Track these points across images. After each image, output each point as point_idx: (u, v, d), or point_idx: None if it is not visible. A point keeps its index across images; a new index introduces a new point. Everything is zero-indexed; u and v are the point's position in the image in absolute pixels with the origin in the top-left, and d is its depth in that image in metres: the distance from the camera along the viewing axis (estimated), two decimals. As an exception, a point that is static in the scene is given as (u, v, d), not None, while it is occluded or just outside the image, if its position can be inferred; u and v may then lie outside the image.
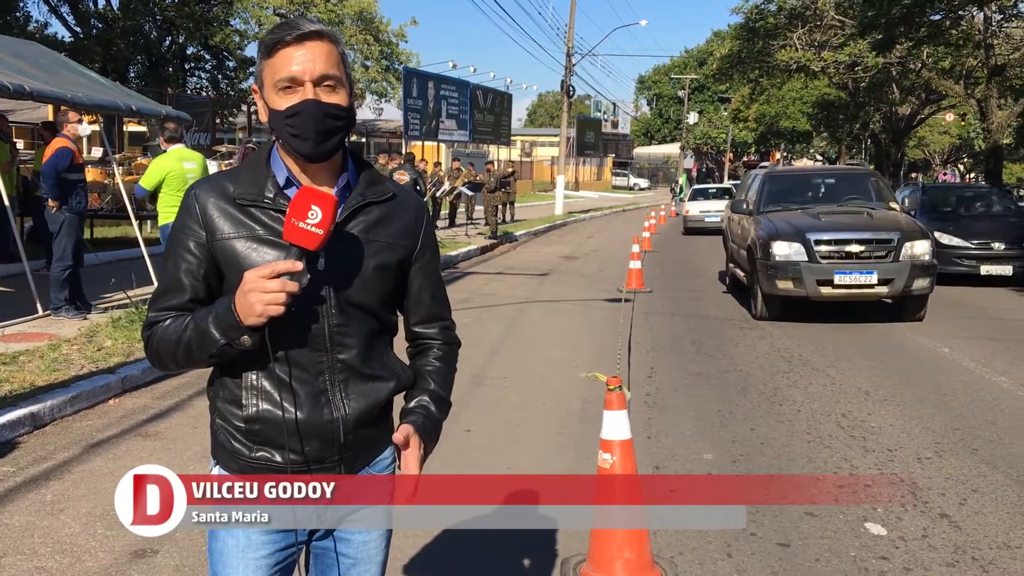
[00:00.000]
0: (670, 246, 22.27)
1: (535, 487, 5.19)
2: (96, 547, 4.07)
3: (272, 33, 1.86)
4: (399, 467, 2.00)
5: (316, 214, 1.74)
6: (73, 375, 6.63)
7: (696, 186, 34.09)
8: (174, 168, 8.45)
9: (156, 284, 8.11)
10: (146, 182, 8.55)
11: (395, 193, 2.01)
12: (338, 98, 1.87)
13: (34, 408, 5.82)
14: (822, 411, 6.65)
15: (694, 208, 28.39)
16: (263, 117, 1.93)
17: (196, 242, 1.91)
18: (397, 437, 1.96)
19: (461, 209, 24.38)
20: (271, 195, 1.90)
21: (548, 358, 8.42)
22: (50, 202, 8.62)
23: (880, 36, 23.99)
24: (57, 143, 8.66)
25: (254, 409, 1.92)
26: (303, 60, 1.83)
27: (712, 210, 27.17)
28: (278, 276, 1.74)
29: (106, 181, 16.02)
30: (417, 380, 2.10)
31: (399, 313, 2.11)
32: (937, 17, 24.05)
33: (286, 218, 1.76)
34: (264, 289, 1.73)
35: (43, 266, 11.33)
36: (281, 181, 1.92)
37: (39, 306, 8.83)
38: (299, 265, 1.75)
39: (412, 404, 2.06)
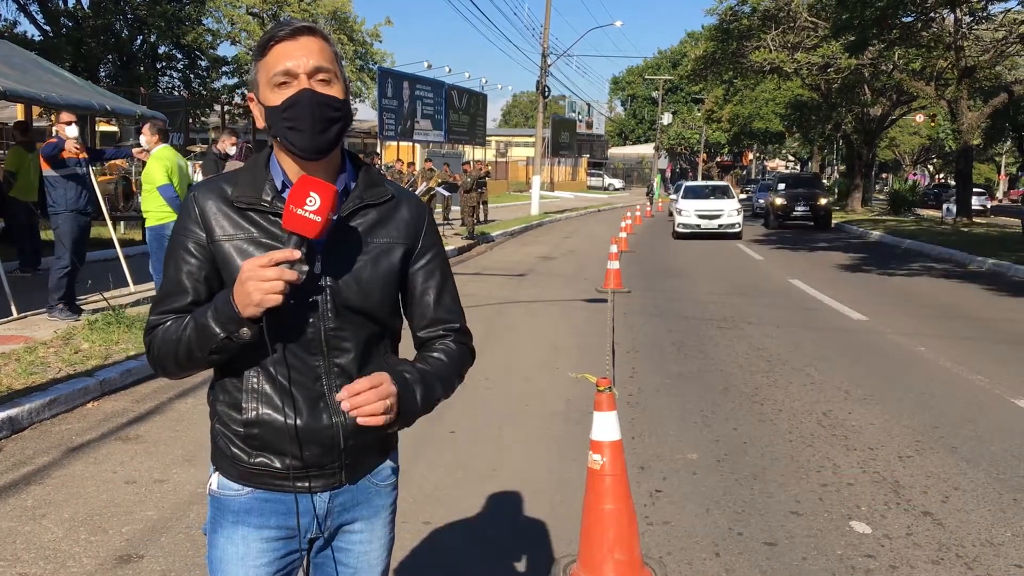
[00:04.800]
0: (647, 246, 22.35)
1: (523, 488, 5.21)
2: (80, 552, 4.01)
3: (265, 33, 1.86)
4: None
5: (315, 201, 1.72)
6: (50, 378, 6.54)
7: (688, 183, 29.92)
8: (172, 164, 8.65)
9: (132, 286, 7.92)
10: (162, 180, 8.55)
11: (394, 194, 1.99)
12: (334, 91, 1.84)
13: (11, 412, 5.74)
14: (803, 410, 6.70)
15: (688, 209, 25.34)
16: (260, 123, 1.91)
17: (196, 244, 1.88)
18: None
19: (438, 210, 24.34)
20: (268, 198, 1.87)
21: (529, 359, 8.42)
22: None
23: (853, 38, 24.21)
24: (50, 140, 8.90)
25: (254, 413, 1.89)
26: (297, 54, 1.81)
27: (709, 211, 24.99)
28: (276, 265, 1.72)
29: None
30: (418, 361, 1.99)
31: (404, 317, 2.07)
32: (909, 19, 24.32)
33: (285, 206, 1.74)
34: (262, 277, 1.70)
35: (16, 267, 11.21)
36: (279, 185, 1.90)
37: (14, 308, 8.71)
38: (297, 253, 1.72)
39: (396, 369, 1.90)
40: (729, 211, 24.86)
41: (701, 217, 24.84)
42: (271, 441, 1.89)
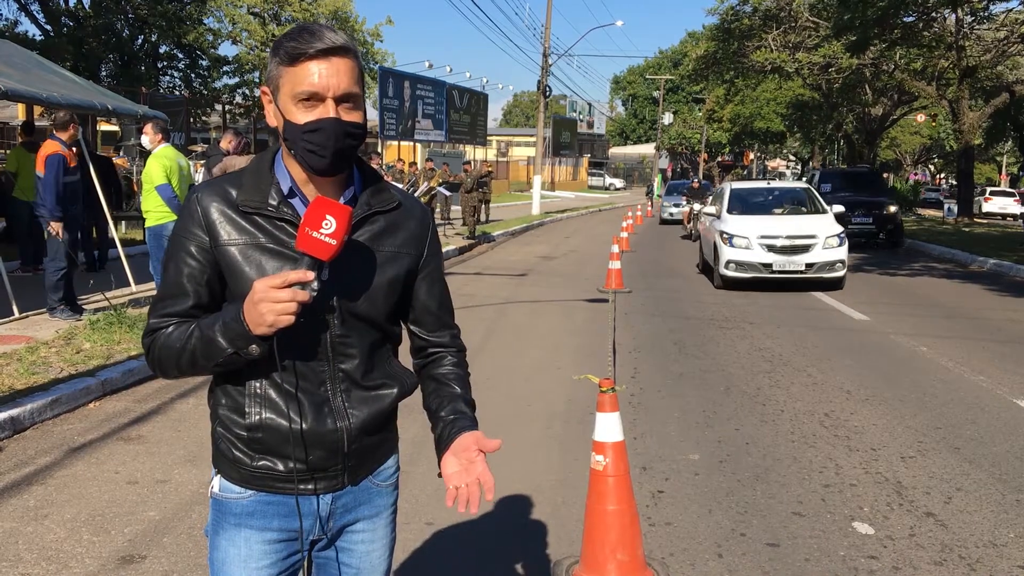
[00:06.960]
0: (648, 246, 22.33)
1: (525, 489, 5.20)
2: (82, 553, 4.01)
3: (295, 40, 1.77)
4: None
5: (330, 224, 1.70)
6: (52, 378, 6.54)
7: (734, 186, 16.39)
8: (172, 164, 8.65)
9: (133, 286, 7.92)
10: (160, 180, 8.52)
11: (400, 202, 1.98)
12: (356, 116, 1.82)
13: (13, 412, 5.74)
14: (805, 411, 6.69)
15: (748, 234, 13.56)
16: (272, 122, 1.87)
17: (199, 247, 1.86)
18: (479, 445, 1.92)
19: (438, 209, 24.34)
20: (275, 203, 1.85)
21: (531, 359, 8.41)
22: (52, 225, 8.33)
23: (854, 38, 24.20)
24: (49, 148, 8.50)
25: (257, 417, 1.88)
26: (327, 76, 1.76)
27: (789, 239, 13.43)
28: (289, 286, 1.71)
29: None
30: (441, 387, 2.07)
31: (403, 324, 2.08)
32: (910, 19, 24.32)
33: (300, 227, 1.72)
34: (275, 299, 1.69)
35: (18, 267, 11.22)
36: (285, 189, 1.88)
37: (15, 308, 8.71)
38: (311, 275, 1.72)
39: (448, 412, 2.02)
40: (826, 238, 13.53)
41: (773, 251, 13.45)
42: (275, 445, 1.89)
